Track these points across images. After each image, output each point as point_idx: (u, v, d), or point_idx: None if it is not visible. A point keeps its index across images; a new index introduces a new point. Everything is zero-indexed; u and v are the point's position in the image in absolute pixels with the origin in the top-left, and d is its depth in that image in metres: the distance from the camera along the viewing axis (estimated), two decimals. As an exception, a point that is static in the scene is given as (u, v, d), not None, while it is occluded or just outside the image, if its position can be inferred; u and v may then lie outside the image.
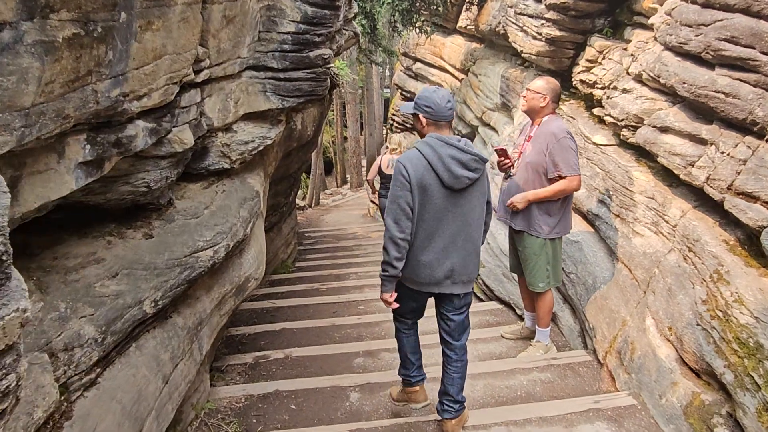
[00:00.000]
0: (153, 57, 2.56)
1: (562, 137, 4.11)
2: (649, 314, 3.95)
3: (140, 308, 2.83)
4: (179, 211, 3.31)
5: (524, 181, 4.32)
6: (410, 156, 2.98)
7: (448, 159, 2.93)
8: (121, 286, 2.81)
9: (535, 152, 4.26)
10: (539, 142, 4.25)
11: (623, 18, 5.74)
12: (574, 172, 4.10)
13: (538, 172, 4.23)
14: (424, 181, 2.94)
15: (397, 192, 2.96)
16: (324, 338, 5.50)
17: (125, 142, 2.57)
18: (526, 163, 4.31)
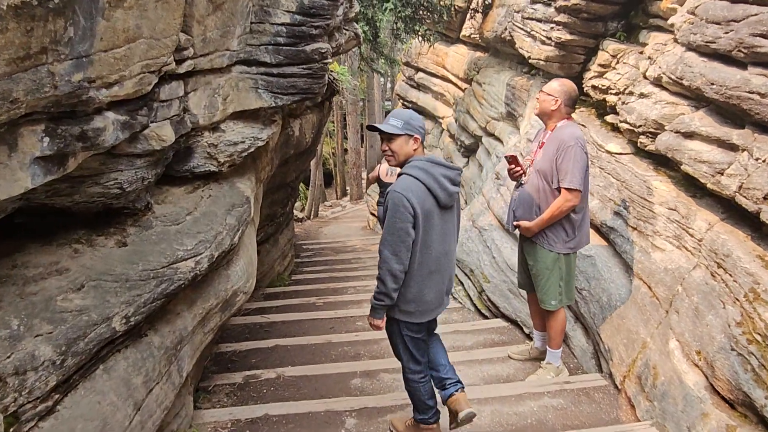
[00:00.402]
0: (125, 39, 2.25)
1: (570, 145, 3.80)
2: (673, 336, 3.61)
3: (108, 325, 2.50)
4: (158, 217, 2.99)
5: (535, 189, 4.01)
6: (408, 185, 2.87)
7: (442, 178, 2.93)
8: (86, 301, 2.48)
9: (544, 160, 3.96)
10: (550, 148, 3.95)
11: (638, 21, 5.46)
12: (573, 186, 3.78)
13: (548, 181, 3.92)
14: (426, 206, 2.90)
15: (398, 224, 2.84)
16: (319, 356, 5.15)
17: (91, 135, 2.25)
18: (536, 171, 4.01)
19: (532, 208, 4.04)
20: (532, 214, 4.04)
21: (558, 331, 4.26)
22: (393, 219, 2.84)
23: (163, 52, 2.54)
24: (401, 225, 2.83)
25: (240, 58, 3.36)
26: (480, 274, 6.19)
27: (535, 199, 4.01)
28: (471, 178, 9.85)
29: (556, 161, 3.85)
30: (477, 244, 6.53)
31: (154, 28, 2.40)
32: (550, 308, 4.14)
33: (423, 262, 2.98)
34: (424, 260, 2.97)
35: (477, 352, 4.97)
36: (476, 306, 6.25)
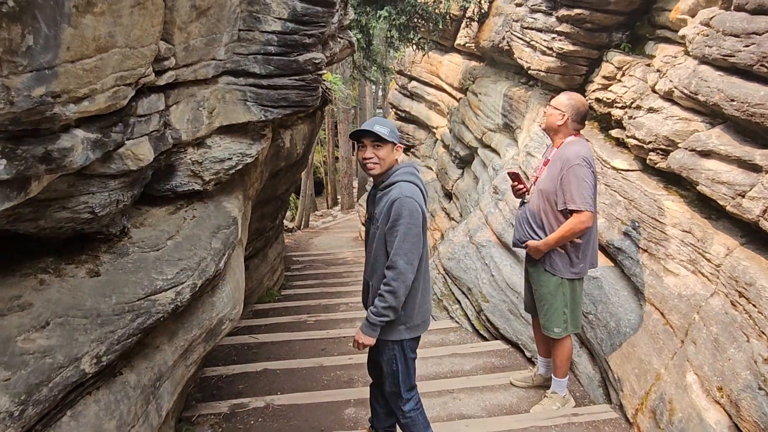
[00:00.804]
0: (96, 49, 1.99)
1: (575, 164, 3.56)
2: (691, 369, 3.38)
3: (77, 367, 2.22)
4: (135, 243, 2.72)
5: (537, 209, 3.78)
6: (413, 191, 2.78)
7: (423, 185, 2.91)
8: (51, 340, 2.20)
9: (548, 178, 3.73)
10: (554, 167, 3.71)
11: (644, 32, 5.26)
12: (583, 207, 3.53)
13: (550, 202, 3.70)
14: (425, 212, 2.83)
15: (414, 230, 2.73)
16: (310, 382, 4.88)
17: (57, 156, 1.98)
18: (539, 189, 3.78)
19: (533, 229, 3.81)
20: (533, 235, 3.81)
21: (564, 360, 4.02)
22: (410, 226, 2.70)
23: (141, 63, 2.28)
24: (417, 231, 2.73)
25: (227, 69, 3.10)
26: (478, 293, 5.95)
27: (537, 220, 3.78)
28: (466, 190, 9.61)
29: (561, 181, 3.62)
30: (475, 261, 6.29)
31: (129, 36, 2.14)
32: (554, 336, 3.90)
33: (424, 269, 2.92)
34: (423, 267, 2.91)
35: (477, 378, 4.72)
36: (474, 326, 6.00)
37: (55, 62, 1.82)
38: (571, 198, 3.51)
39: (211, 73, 2.93)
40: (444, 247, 7.06)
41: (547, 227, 3.74)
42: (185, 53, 2.63)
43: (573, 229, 3.53)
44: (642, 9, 5.23)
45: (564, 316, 3.85)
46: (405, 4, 8.95)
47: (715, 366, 3.20)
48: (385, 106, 29.05)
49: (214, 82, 3.05)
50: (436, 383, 4.68)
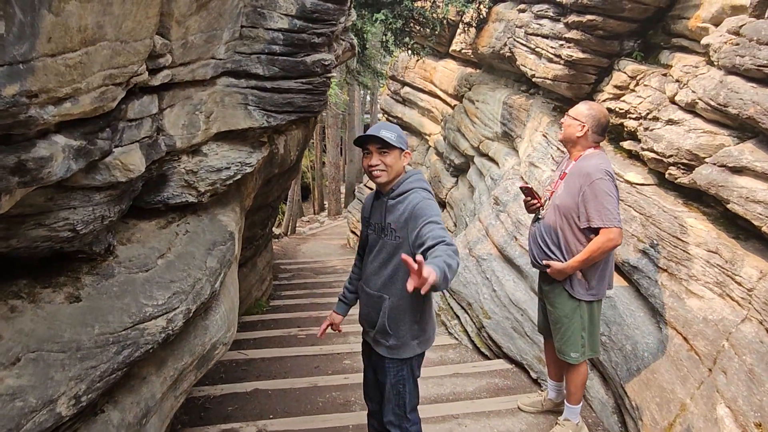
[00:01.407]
0: (81, 41, 1.69)
1: (597, 179, 3.31)
2: (722, 401, 3.14)
3: (51, 411, 1.92)
4: (122, 262, 2.41)
5: (554, 225, 3.52)
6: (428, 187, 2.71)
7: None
8: (22, 380, 1.89)
9: (566, 193, 3.46)
10: (572, 181, 3.45)
11: (658, 40, 5.05)
12: (611, 224, 3.28)
13: (568, 219, 3.44)
14: None
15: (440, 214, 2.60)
16: (305, 404, 4.57)
17: (33, 167, 1.68)
18: (556, 205, 3.51)
19: (549, 247, 3.56)
20: (548, 253, 3.56)
21: (579, 386, 3.76)
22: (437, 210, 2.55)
23: (133, 60, 1.98)
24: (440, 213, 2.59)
25: (227, 69, 2.80)
26: (479, 309, 5.69)
27: (553, 238, 3.53)
28: (461, 200, 9.38)
29: (582, 197, 3.37)
30: (475, 275, 6.04)
31: (120, 28, 1.85)
32: (570, 361, 3.64)
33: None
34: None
35: (483, 402, 4.44)
36: (474, 343, 5.74)
37: (32, 55, 1.53)
38: (597, 215, 3.26)
39: (209, 74, 2.64)
40: (442, 260, 6.79)
41: (563, 245, 3.49)
42: (183, 50, 2.34)
43: (602, 248, 3.28)
44: (656, 17, 5.03)
45: (582, 340, 3.60)
46: (402, 7, 8.73)
47: (751, 400, 2.96)
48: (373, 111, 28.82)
49: (212, 84, 2.76)
50: (439, 407, 4.40)
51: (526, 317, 5.14)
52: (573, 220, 3.42)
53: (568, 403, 3.84)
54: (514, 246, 5.69)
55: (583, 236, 3.40)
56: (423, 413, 4.26)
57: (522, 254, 5.52)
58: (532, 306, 5.13)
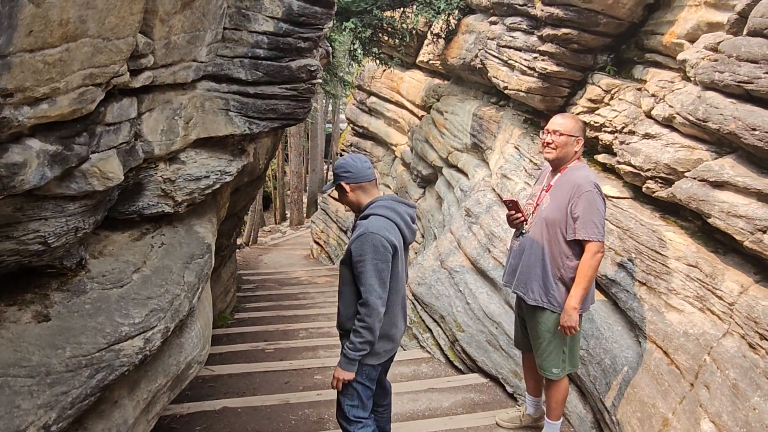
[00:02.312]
0: (62, 36, 1.54)
1: (587, 190, 3.29)
2: (706, 416, 3.12)
3: (17, 443, 1.73)
4: (94, 278, 2.23)
5: (540, 241, 3.46)
6: (382, 225, 2.79)
7: (407, 216, 2.94)
8: (-15, 409, 1.71)
9: (555, 207, 3.42)
10: (561, 193, 3.41)
11: (631, 55, 5.11)
12: (596, 237, 3.26)
13: (557, 232, 3.39)
14: (397, 244, 2.83)
15: (380, 266, 2.73)
16: (276, 423, 4.40)
17: (4, 174, 1.52)
18: (543, 218, 3.46)
19: (537, 263, 3.49)
20: (536, 268, 3.49)
21: (560, 402, 3.71)
22: (375, 261, 2.72)
23: (115, 59, 1.83)
24: (383, 266, 2.74)
25: (208, 72, 2.66)
26: (452, 322, 5.62)
27: (540, 253, 3.47)
28: (429, 211, 9.33)
29: (570, 209, 3.33)
30: (447, 288, 5.97)
31: (103, 24, 1.70)
32: (552, 377, 3.59)
33: (394, 299, 2.92)
34: (394, 297, 2.91)
35: (460, 419, 4.35)
36: (448, 357, 5.66)
37: (9, 50, 1.37)
38: (583, 227, 3.23)
39: (191, 77, 2.49)
40: (413, 272, 6.70)
41: (549, 259, 3.44)
42: (165, 51, 2.19)
43: (593, 265, 3.25)
44: (629, 32, 5.09)
45: (563, 355, 3.56)
46: (371, 17, 8.65)
47: (736, 415, 2.95)
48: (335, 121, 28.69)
49: (193, 88, 2.61)
50: (416, 425, 4.30)
51: (501, 330, 5.09)
52: (561, 233, 3.38)
53: (548, 418, 3.79)
54: (488, 258, 5.65)
55: (569, 249, 3.37)
56: (401, 430, 4.16)
57: (496, 267, 5.48)
58: (506, 319, 5.09)
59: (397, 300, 2.95)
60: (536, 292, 3.49)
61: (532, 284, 3.50)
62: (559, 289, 3.44)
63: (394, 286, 2.88)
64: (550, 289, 3.45)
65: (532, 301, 3.50)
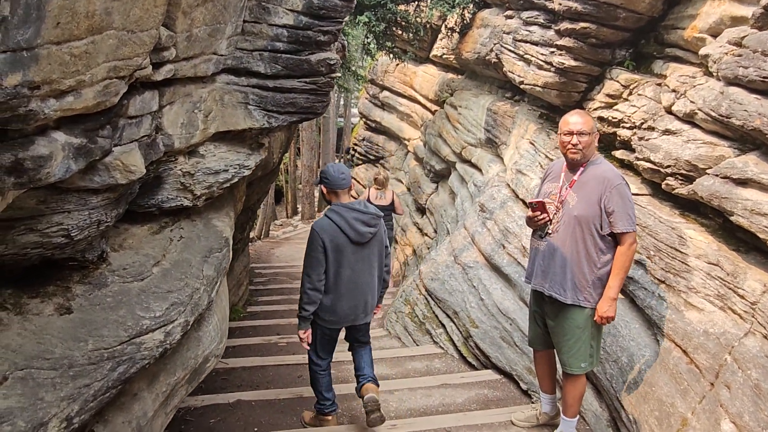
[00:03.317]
0: (88, 29, 1.53)
1: (618, 184, 3.27)
2: (727, 417, 3.09)
3: (41, 435, 1.74)
4: (115, 271, 2.24)
5: (571, 239, 3.39)
6: (323, 225, 3.64)
7: (353, 221, 3.62)
8: (10, 401, 1.71)
9: (585, 203, 3.35)
10: (589, 189, 3.35)
11: (650, 50, 5.05)
12: (631, 228, 3.27)
13: (591, 228, 3.32)
14: (336, 241, 3.60)
15: (311, 253, 3.62)
16: (290, 417, 4.40)
17: (30, 167, 1.51)
18: (573, 217, 3.37)
19: (572, 261, 3.41)
20: (571, 267, 3.41)
21: (577, 398, 3.68)
22: (308, 249, 3.64)
23: (139, 51, 1.82)
24: (314, 254, 3.60)
25: (227, 65, 2.65)
26: (466, 318, 5.60)
27: (574, 251, 3.39)
28: (441, 206, 9.30)
29: (604, 204, 3.29)
30: (461, 283, 5.95)
31: (128, 16, 1.69)
32: (577, 372, 3.55)
33: (336, 283, 3.70)
34: (337, 282, 3.69)
35: (474, 415, 4.33)
36: (461, 353, 5.64)
37: (37, 42, 1.37)
38: (620, 220, 3.23)
39: (211, 70, 2.48)
40: (426, 267, 6.69)
41: (584, 256, 3.37)
42: (187, 44, 2.18)
43: (631, 255, 3.27)
44: (649, 27, 5.03)
45: (591, 349, 3.52)
46: (385, 11, 8.62)
47: (758, 416, 2.91)
48: (347, 115, 28.66)
49: (212, 81, 2.60)
50: (430, 420, 4.28)
51: (515, 327, 5.07)
52: (595, 228, 3.33)
53: (564, 416, 3.76)
54: (502, 254, 5.62)
55: (603, 243, 3.34)
56: (414, 425, 4.16)
57: (510, 263, 5.45)
58: (521, 315, 5.06)
59: (341, 284, 3.70)
60: (572, 290, 3.41)
61: (567, 283, 3.42)
62: (594, 284, 3.39)
63: (338, 272, 3.66)
64: (586, 286, 3.39)
65: (570, 300, 3.43)
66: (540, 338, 3.84)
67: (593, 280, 3.36)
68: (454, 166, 8.99)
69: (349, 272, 3.69)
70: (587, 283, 3.36)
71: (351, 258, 3.66)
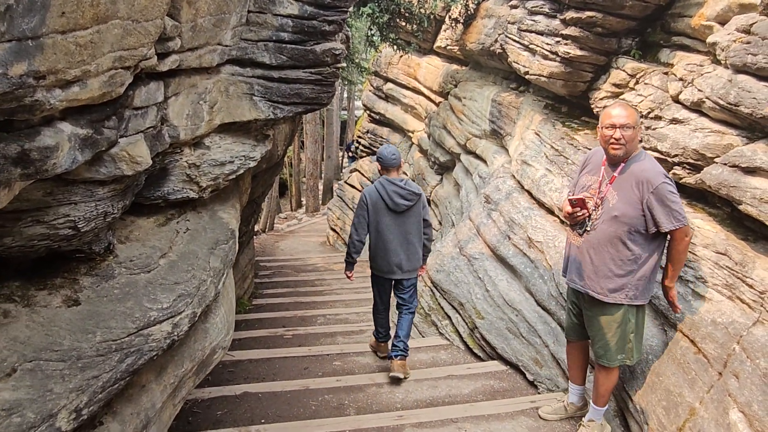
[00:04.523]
0: (93, 18, 1.52)
1: (660, 183, 3.15)
2: (735, 406, 3.07)
3: (51, 426, 1.74)
4: (122, 263, 2.23)
5: (608, 238, 3.34)
6: (370, 190, 4.71)
7: (392, 192, 4.59)
8: (19, 392, 1.71)
9: (625, 203, 3.28)
10: (629, 188, 3.27)
11: (657, 39, 5.00)
12: (681, 224, 3.16)
13: (631, 227, 3.27)
14: (377, 205, 4.65)
15: (359, 210, 4.72)
16: (296, 408, 4.41)
17: (36, 157, 1.50)
18: (614, 216, 3.31)
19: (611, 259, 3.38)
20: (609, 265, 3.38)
21: (609, 389, 3.68)
22: (357, 208, 4.74)
23: (144, 41, 1.81)
24: (360, 212, 4.70)
25: (232, 56, 2.63)
26: (472, 309, 5.59)
27: (614, 249, 3.35)
28: (446, 197, 9.28)
29: (647, 205, 3.21)
30: (467, 275, 5.93)
31: (134, 5, 1.67)
32: (614, 364, 3.54)
33: (376, 240, 4.76)
34: (377, 239, 4.76)
35: (480, 406, 4.34)
36: (467, 344, 5.63)
37: (42, 31, 1.36)
38: (667, 219, 3.15)
39: (215, 61, 2.47)
40: (431, 259, 6.68)
41: (623, 254, 3.34)
42: (192, 34, 2.16)
43: (682, 249, 3.25)
44: (655, 15, 4.98)
45: (630, 343, 3.50)
46: (389, 2, 8.58)
47: (767, 405, 2.90)
48: (350, 108, 28.60)
49: (217, 72, 2.58)
50: (437, 411, 4.29)
51: (521, 318, 5.06)
52: (637, 227, 3.27)
53: (594, 405, 3.76)
54: (508, 245, 5.60)
55: (645, 241, 3.30)
56: (421, 417, 4.16)
57: (516, 254, 5.44)
58: (527, 306, 5.05)
59: (379, 241, 4.72)
60: (611, 289, 3.39)
61: (607, 283, 3.39)
62: (635, 283, 3.35)
63: (377, 230, 4.70)
64: (628, 284, 3.35)
65: (608, 299, 3.40)
66: (575, 330, 3.83)
67: (633, 278, 3.33)
68: (459, 157, 8.96)
69: (386, 233, 4.67)
70: (626, 282, 3.33)
71: (388, 222, 4.65)
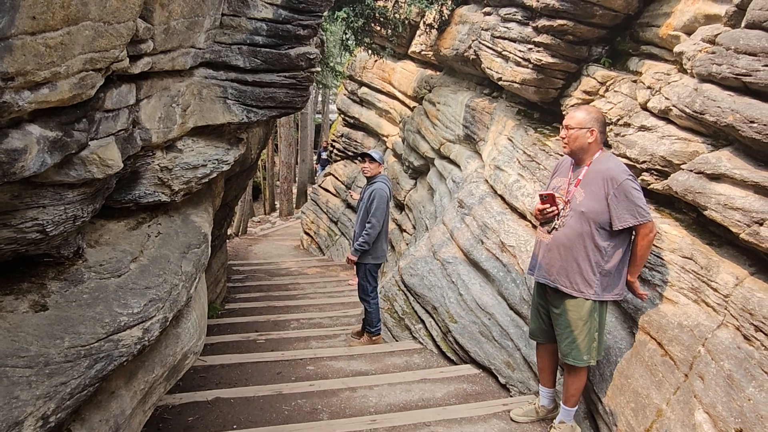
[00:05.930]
0: (63, 19, 1.50)
1: (625, 179, 3.34)
2: (700, 406, 3.15)
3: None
4: (92, 267, 2.20)
5: (576, 234, 3.48)
6: (385, 187, 5.81)
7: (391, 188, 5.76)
8: (-17, 400, 1.68)
9: (591, 199, 3.44)
10: (594, 186, 3.44)
11: (626, 47, 5.11)
12: (645, 219, 3.33)
13: (598, 223, 3.42)
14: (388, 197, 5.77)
15: (381, 205, 5.74)
16: (269, 413, 4.38)
17: (4, 160, 1.48)
18: (581, 212, 3.46)
19: (578, 255, 3.50)
20: (578, 261, 3.50)
21: (579, 389, 3.75)
22: (380, 201, 5.71)
23: (115, 43, 1.79)
24: (383, 205, 5.71)
25: (206, 59, 2.62)
26: (445, 313, 5.62)
27: (581, 245, 3.49)
28: (420, 202, 9.32)
29: (610, 200, 3.37)
30: (440, 279, 5.97)
31: (105, 7, 1.66)
32: (580, 364, 3.61)
33: (384, 230, 5.81)
34: (383, 229, 5.79)
35: (453, 409, 4.36)
36: (440, 348, 5.67)
37: (11, 32, 1.34)
38: (631, 214, 3.32)
39: (189, 63, 2.45)
40: (404, 262, 6.69)
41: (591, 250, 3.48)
42: (165, 36, 2.15)
43: (645, 245, 3.38)
44: (624, 24, 5.09)
45: (594, 342, 3.58)
46: (364, 6, 8.60)
47: (731, 405, 2.97)
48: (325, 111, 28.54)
49: (190, 75, 2.56)
50: (410, 415, 4.30)
51: (494, 321, 5.11)
52: (603, 224, 3.42)
53: (565, 405, 3.82)
54: (481, 249, 5.65)
55: (611, 238, 3.44)
56: (394, 420, 4.17)
57: (489, 258, 5.49)
58: (499, 310, 5.11)
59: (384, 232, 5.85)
60: (579, 283, 3.51)
61: (575, 277, 3.52)
62: (601, 278, 3.48)
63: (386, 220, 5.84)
64: (593, 279, 3.48)
65: (575, 292, 3.51)
66: (542, 331, 3.90)
67: (599, 273, 3.45)
68: (433, 162, 9.02)
69: (387, 224, 5.80)
70: (594, 277, 3.45)
71: (388, 212, 5.79)
